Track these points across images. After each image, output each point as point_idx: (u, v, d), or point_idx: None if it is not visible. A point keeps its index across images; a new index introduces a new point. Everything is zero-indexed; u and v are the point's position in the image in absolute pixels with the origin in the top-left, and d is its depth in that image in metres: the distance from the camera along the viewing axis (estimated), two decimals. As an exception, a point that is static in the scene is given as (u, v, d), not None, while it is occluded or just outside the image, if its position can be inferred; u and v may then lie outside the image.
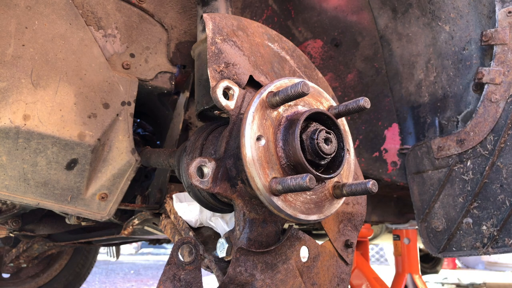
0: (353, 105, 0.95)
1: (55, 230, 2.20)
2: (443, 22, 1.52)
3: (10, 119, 1.16)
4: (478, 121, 1.43)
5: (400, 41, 1.68)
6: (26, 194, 1.26)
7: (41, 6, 1.26)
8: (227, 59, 1.00)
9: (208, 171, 0.91)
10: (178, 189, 1.49)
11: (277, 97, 0.89)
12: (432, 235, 1.52)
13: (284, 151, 0.90)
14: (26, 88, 1.19)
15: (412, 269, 3.92)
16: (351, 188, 0.95)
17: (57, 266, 3.35)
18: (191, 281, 0.88)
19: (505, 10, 1.34)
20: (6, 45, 1.19)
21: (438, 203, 1.51)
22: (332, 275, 1.09)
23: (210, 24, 1.03)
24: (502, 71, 1.35)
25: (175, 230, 1.33)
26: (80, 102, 1.27)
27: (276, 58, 1.13)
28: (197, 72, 1.37)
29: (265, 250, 0.95)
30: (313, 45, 1.86)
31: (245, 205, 0.95)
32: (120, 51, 1.45)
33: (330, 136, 0.91)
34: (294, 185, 0.81)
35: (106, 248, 4.55)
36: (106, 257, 5.15)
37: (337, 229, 1.14)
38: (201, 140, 1.07)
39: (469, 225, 1.42)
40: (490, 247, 1.36)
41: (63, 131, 1.23)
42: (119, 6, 1.46)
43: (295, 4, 1.82)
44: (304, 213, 0.91)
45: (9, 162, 1.21)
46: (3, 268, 3.03)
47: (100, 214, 1.35)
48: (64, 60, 1.26)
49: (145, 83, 1.49)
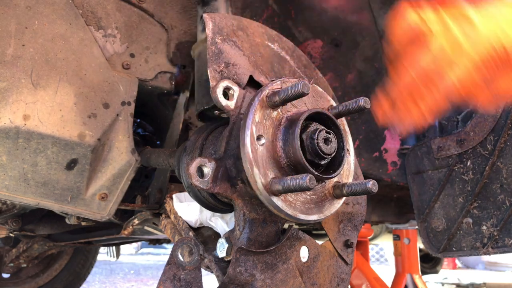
0: (353, 105, 0.95)
1: (55, 230, 2.20)
2: (443, 22, 1.52)
3: (10, 119, 1.16)
4: (478, 121, 1.43)
5: (400, 41, 1.67)
6: (26, 194, 1.26)
7: (41, 6, 1.26)
8: (227, 59, 1.00)
9: (208, 171, 0.91)
10: (178, 189, 1.49)
11: (277, 97, 0.89)
12: (432, 235, 1.52)
13: (284, 151, 0.90)
14: (26, 88, 1.19)
15: (412, 269, 3.92)
16: (351, 188, 0.95)
17: (57, 266, 3.35)
18: (191, 281, 0.88)
19: (505, 10, 1.34)
20: (6, 45, 1.19)
21: (438, 203, 1.51)
22: (332, 275, 1.09)
23: (210, 24, 1.03)
24: (502, 71, 1.35)
25: (175, 230, 1.33)
26: (80, 102, 1.27)
27: (276, 58, 1.13)
28: (197, 72, 1.37)
29: (265, 250, 0.95)
30: (313, 45, 1.86)
31: (245, 205, 0.95)
32: (120, 51, 1.45)
33: (330, 136, 0.91)
34: (294, 185, 0.81)
35: (106, 248, 4.56)
36: (106, 257, 5.15)
37: (337, 229, 1.14)
38: (201, 140, 1.07)
39: (469, 225, 1.42)
40: (490, 247, 1.36)
41: (63, 131, 1.23)
42: (119, 6, 1.46)
43: (295, 4, 1.82)
44: (304, 213, 0.91)
45: (9, 162, 1.21)
46: (3, 268, 3.03)
47: (100, 214, 1.35)
48: (64, 60, 1.26)
49: (145, 83, 1.49)
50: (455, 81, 1.09)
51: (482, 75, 1.07)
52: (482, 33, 1.05)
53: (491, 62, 1.04)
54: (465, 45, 1.05)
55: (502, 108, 1.39)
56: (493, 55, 1.03)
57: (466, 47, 1.05)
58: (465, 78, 1.08)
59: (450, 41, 1.07)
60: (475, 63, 1.07)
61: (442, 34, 1.08)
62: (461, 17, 1.07)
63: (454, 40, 1.06)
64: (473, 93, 1.11)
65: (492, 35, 1.04)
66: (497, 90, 1.10)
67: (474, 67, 1.06)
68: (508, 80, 1.07)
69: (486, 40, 1.04)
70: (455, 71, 1.08)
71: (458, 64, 1.06)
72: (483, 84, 1.08)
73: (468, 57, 1.05)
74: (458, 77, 1.08)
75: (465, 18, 1.07)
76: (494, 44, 1.03)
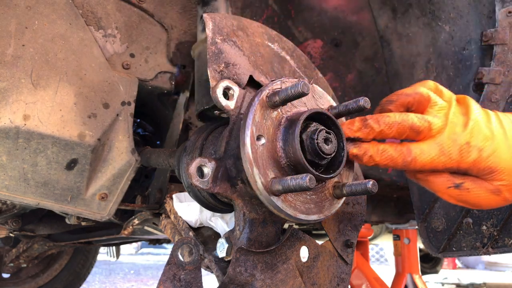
0: (353, 105, 0.95)
1: (55, 230, 2.21)
2: (443, 22, 1.52)
3: (10, 119, 1.16)
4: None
5: (400, 41, 1.68)
6: (26, 194, 1.26)
7: (41, 6, 1.26)
8: (227, 59, 1.00)
9: (208, 171, 0.90)
10: (178, 189, 1.49)
11: (277, 97, 0.89)
12: (432, 235, 1.52)
13: (284, 151, 0.90)
14: (26, 88, 1.19)
15: (412, 269, 3.93)
16: (351, 188, 0.95)
17: (57, 266, 3.35)
18: (191, 281, 0.88)
19: (505, 10, 1.34)
20: (6, 45, 1.19)
21: (438, 203, 1.50)
22: (332, 275, 1.09)
23: (210, 24, 1.03)
24: (502, 71, 1.35)
25: (175, 230, 1.33)
26: (80, 102, 1.27)
27: (276, 58, 1.13)
28: (197, 72, 1.37)
29: (265, 250, 0.95)
30: (313, 45, 1.86)
31: (245, 205, 0.95)
32: (120, 51, 1.45)
33: (330, 136, 0.91)
34: (294, 185, 0.81)
35: (106, 248, 4.56)
36: (106, 257, 5.15)
37: (337, 229, 1.14)
38: (201, 140, 1.07)
39: (469, 225, 1.42)
40: (490, 247, 1.36)
41: (63, 131, 1.23)
42: (119, 6, 1.46)
43: (295, 4, 1.82)
44: (304, 213, 0.91)
45: (9, 162, 1.21)
46: (3, 268, 3.03)
47: (100, 214, 1.36)
48: (64, 60, 1.26)
49: (145, 83, 1.49)
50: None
51: None
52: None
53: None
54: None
55: (502, 108, 1.39)
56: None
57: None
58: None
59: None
60: None
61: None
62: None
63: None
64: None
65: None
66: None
67: None
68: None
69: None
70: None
71: None
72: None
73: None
74: None
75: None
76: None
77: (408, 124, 0.92)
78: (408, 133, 0.93)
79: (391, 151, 0.93)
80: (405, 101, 0.98)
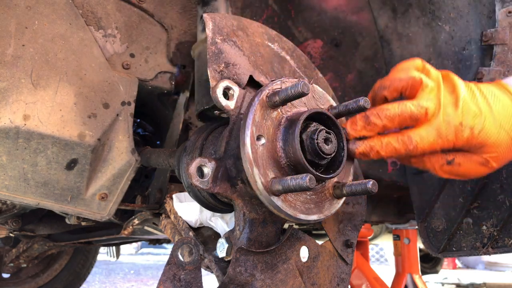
0: (353, 105, 0.95)
1: (55, 230, 2.21)
2: (443, 22, 1.52)
3: (10, 119, 1.16)
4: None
5: (400, 41, 1.68)
6: (26, 194, 1.26)
7: (41, 6, 1.26)
8: (227, 59, 1.00)
9: (208, 171, 0.90)
10: (178, 189, 1.49)
11: (277, 97, 0.89)
12: (432, 235, 1.52)
13: (284, 151, 0.90)
14: (26, 88, 1.19)
15: (412, 269, 3.93)
16: (351, 188, 0.95)
17: (57, 266, 3.35)
18: (191, 281, 0.88)
19: (505, 10, 1.34)
20: (6, 45, 1.19)
21: (438, 203, 1.50)
22: (332, 275, 1.09)
23: (210, 24, 1.03)
24: (502, 71, 1.35)
25: (175, 230, 1.33)
26: (80, 102, 1.27)
27: (276, 58, 1.13)
28: (197, 72, 1.37)
29: (265, 250, 0.95)
30: (313, 45, 1.86)
31: (245, 205, 0.95)
32: (120, 51, 1.45)
33: (330, 136, 0.91)
34: (294, 185, 0.81)
35: (106, 248, 4.56)
36: (106, 257, 5.16)
37: (337, 229, 1.14)
38: (201, 140, 1.07)
39: (469, 225, 1.42)
40: (490, 247, 1.36)
41: (63, 131, 1.23)
42: (119, 6, 1.46)
43: (295, 4, 1.82)
44: (304, 213, 0.91)
45: (9, 162, 1.21)
46: (3, 268, 3.03)
47: (100, 214, 1.36)
48: (64, 60, 1.26)
49: (145, 83, 1.49)
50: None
51: None
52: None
53: None
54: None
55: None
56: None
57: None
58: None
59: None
60: None
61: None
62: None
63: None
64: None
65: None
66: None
67: None
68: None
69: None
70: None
71: None
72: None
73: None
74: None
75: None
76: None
77: (407, 114, 0.96)
78: (408, 122, 0.97)
79: (394, 143, 0.97)
80: (399, 86, 1.02)
